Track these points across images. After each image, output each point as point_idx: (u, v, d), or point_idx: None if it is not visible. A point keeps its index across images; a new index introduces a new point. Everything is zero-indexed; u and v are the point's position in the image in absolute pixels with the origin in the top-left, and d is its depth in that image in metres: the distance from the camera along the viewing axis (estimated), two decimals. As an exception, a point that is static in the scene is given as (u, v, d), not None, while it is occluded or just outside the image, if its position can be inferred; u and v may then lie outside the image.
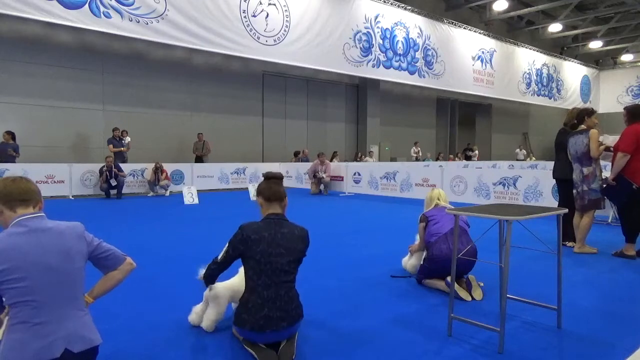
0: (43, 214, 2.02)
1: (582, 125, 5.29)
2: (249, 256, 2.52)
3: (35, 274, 1.85)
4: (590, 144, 5.05)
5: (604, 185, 5.11)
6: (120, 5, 11.65)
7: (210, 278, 2.75)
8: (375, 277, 4.14)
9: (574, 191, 5.30)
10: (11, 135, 11.19)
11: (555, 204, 6.22)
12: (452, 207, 3.61)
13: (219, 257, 2.64)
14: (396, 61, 18.46)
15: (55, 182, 11.22)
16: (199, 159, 14.67)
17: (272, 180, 2.70)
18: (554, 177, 5.96)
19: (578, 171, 5.24)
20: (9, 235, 1.90)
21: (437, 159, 21.29)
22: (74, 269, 1.96)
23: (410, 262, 4.24)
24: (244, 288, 2.64)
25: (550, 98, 27.15)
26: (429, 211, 4.06)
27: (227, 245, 2.61)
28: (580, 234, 5.26)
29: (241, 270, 2.97)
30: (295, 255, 2.59)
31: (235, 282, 2.94)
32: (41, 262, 1.87)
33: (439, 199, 4.13)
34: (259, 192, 2.69)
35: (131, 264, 2.21)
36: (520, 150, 25.21)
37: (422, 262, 3.95)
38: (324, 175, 13.07)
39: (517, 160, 23.09)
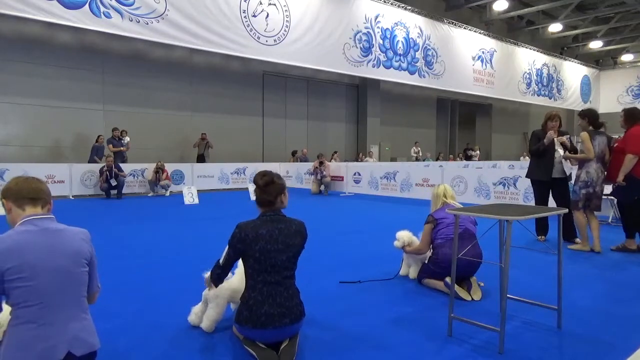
0: (53, 216, 2.02)
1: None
2: (249, 255, 2.53)
3: (43, 274, 1.84)
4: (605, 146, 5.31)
5: (615, 186, 5.23)
6: (121, 5, 11.65)
7: (218, 281, 2.74)
8: (376, 277, 4.14)
9: (588, 190, 5.26)
10: None
11: (555, 204, 6.25)
12: (460, 207, 3.53)
13: (221, 261, 2.65)
14: (396, 61, 18.46)
15: (55, 182, 11.21)
16: (200, 159, 14.67)
17: (270, 185, 2.63)
18: (535, 179, 5.96)
19: (600, 171, 5.27)
20: (19, 233, 1.89)
21: (437, 159, 21.29)
22: (80, 272, 1.96)
23: (411, 270, 4.13)
24: (243, 287, 2.65)
25: (550, 98, 27.14)
26: (438, 212, 3.84)
27: (227, 248, 2.62)
28: (597, 232, 5.33)
29: (239, 270, 2.97)
30: (294, 250, 2.60)
31: (234, 281, 2.94)
32: (50, 263, 1.87)
33: (445, 196, 3.92)
34: (257, 200, 2.68)
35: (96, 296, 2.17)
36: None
37: (425, 262, 3.91)
38: (325, 174, 13.11)
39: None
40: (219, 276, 2.69)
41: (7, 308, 1.93)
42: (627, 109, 5.39)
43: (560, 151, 5.63)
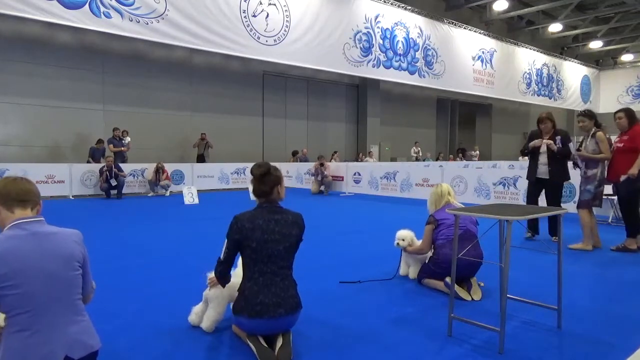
0: (43, 219, 1.97)
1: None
2: (246, 245, 2.56)
3: (34, 280, 1.80)
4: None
5: (624, 177, 5.24)
6: (121, 5, 11.65)
7: (223, 279, 2.72)
8: (376, 277, 4.13)
9: (600, 189, 5.37)
10: None
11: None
12: (461, 207, 3.52)
13: (222, 256, 2.66)
14: (396, 61, 18.46)
15: (55, 182, 11.22)
16: (200, 159, 14.68)
17: (266, 176, 2.67)
18: (536, 179, 5.94)
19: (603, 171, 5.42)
20: (8, 239, 1.84)
21: (437, 159, 21.29)
22: (73, 275, 1.92)
23: (410, 270, 4.11)
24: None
25: (550, 98, 27.14)
26: (439, 213, 3.84)
27: (225, 241, 2.63)
28: (596, 229, 5.46)
29: (237, 271, 2.97)
30: (290, 240, 2.62)
31: (234, 282, 2.93)
32: (41, 268, 1.83)
33: (449, 194, 3.91)
34: (253, 191, 2.71)
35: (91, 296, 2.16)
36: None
37: (425, 262, 3.91)
38: (326, 174, 13.13)
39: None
40: (221, 272, 2.69)
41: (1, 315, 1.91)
42: (625, 109, 5.43)
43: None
